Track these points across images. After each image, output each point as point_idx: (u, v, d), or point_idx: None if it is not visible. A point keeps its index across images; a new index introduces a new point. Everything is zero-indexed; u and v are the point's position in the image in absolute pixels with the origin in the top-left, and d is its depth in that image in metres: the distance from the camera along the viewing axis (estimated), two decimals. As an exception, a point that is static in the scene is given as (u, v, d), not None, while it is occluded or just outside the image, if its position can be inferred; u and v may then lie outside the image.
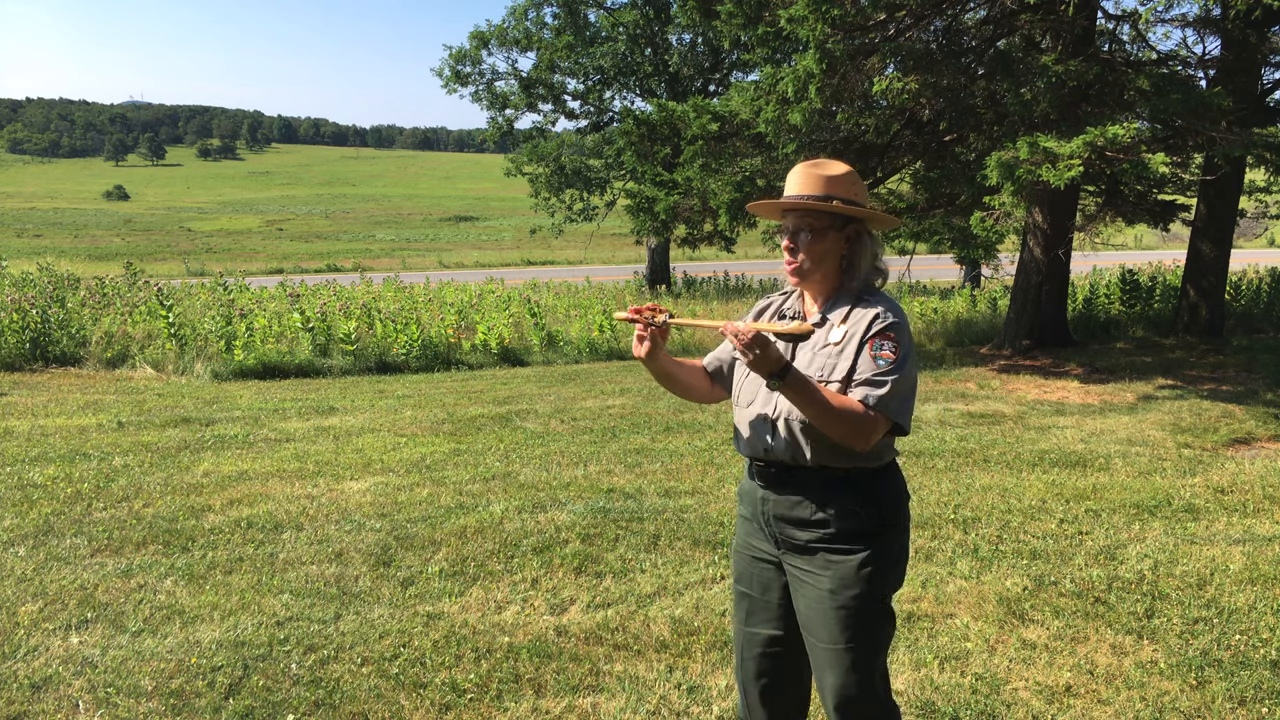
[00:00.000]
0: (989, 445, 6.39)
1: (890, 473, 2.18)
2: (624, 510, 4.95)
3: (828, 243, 2.15)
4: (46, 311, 11.30)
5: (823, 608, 2.12)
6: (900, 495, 2.20)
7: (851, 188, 2.16)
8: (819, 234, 2.15)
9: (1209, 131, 7.97)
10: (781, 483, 2.18)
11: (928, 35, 9.41)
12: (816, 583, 2.13)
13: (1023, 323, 10.95)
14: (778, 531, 2.20)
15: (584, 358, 12.16)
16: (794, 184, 2.19)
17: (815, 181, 2.15)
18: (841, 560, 2.10)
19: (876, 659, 2.14)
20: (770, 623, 2.27)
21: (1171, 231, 14.35)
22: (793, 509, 2.16)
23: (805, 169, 2.19)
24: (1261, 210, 14.91)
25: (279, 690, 3.11)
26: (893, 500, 2.16)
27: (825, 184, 2.15)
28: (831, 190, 2.15)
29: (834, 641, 2.11)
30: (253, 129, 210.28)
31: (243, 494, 5.35)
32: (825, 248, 2.15)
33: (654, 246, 23.59)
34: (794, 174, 2.20)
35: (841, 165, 2.19)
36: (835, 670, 2.12)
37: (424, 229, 64.97)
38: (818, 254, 2.15)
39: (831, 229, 2.15)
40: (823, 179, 2.15)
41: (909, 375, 2.08)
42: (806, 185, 2.16)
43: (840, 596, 2.10)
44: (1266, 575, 3.96)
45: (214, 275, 20.47)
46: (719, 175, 10.06)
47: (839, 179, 2.16)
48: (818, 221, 2.15)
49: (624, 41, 22.15)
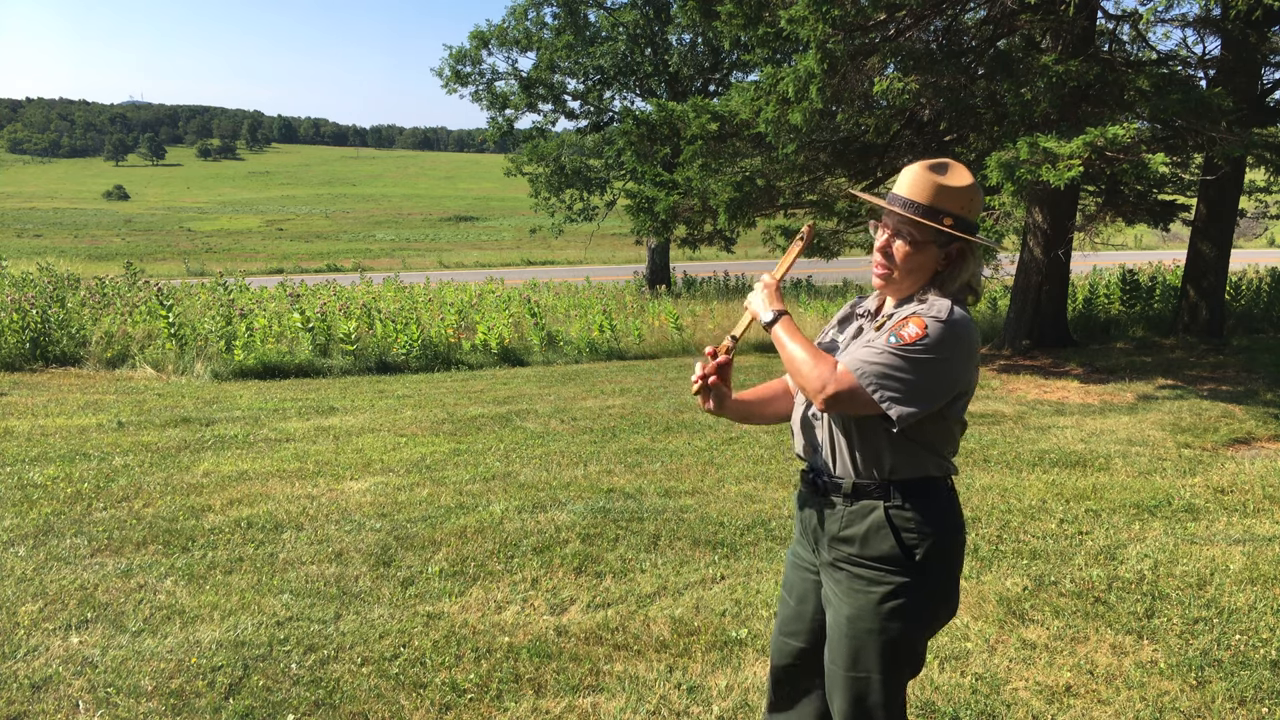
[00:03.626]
0: (989, 445, 6.39)
1: (935, 493, 1.95)
2: (624, 510, 4.95)
3: (924, 256, 1.93)
4: (46, 311, 11.30)
5: (839, 633, 1.99)
6: (945, 523, 1.95)
7: (970, 203, 1.92)
8: (919, 246, 1.92)
9: (1209, 131, 7.97)
10: (818, 489, 2.04)
11: (928, 35, 9.41)
12: (838, 605, 1.99)
13: (1023, 323, 10.95)
14: (813, 541, 2.09)
15: (584, 358, 12.16)
16: (904, 184, 1.95)
17: (929, 188, 1.91)
18: (864, 590, 1.94)
19: (889, 694, 1.98)
20: (799, 635, 2.16)
21: (1171, 231, 14.36)
22: (825, 520, 2.02)
23: (922, 170, 1.94)
24: (1261, 210, 14.91)
25: (279, 690, 3.11)
26: (934, 526, 1.93)
27: (939, 194, 1.90)
28: (943, 203, 1.90)
29: (846, 668, 1.98)
30: (253, 129, 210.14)
31: (243, 494, 5.35)
32: (921, 261, 1.93)
33: (654, 246, 23.58)
34: (907, 172, 1.96)
35: (965, 174, 1.94)
36: (843, 696, 2.01)
37: (424, 229, 64.97)
38: (911, 266, 1.94)
39: (934, 243, 1.92)
40: (938, 187, 1.91)
41: (926, 367, 1.83)
42: (918, 189, 1.92)
43: (855, 627, 1.95)
44: (1266, 575, 3.96)
45: (214, 275, 20.46)
46: (719, 175, 10.06)
47: (957, 191, 1.91)
48: (920, 234, 1.91)
49: (624, 41, 22.15)
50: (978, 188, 1.95)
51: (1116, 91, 8.64)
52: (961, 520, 2.02)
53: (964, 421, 2.02)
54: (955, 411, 1.96)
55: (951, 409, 1.95)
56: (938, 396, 1.87)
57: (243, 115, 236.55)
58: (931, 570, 1.93)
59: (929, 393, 1.85)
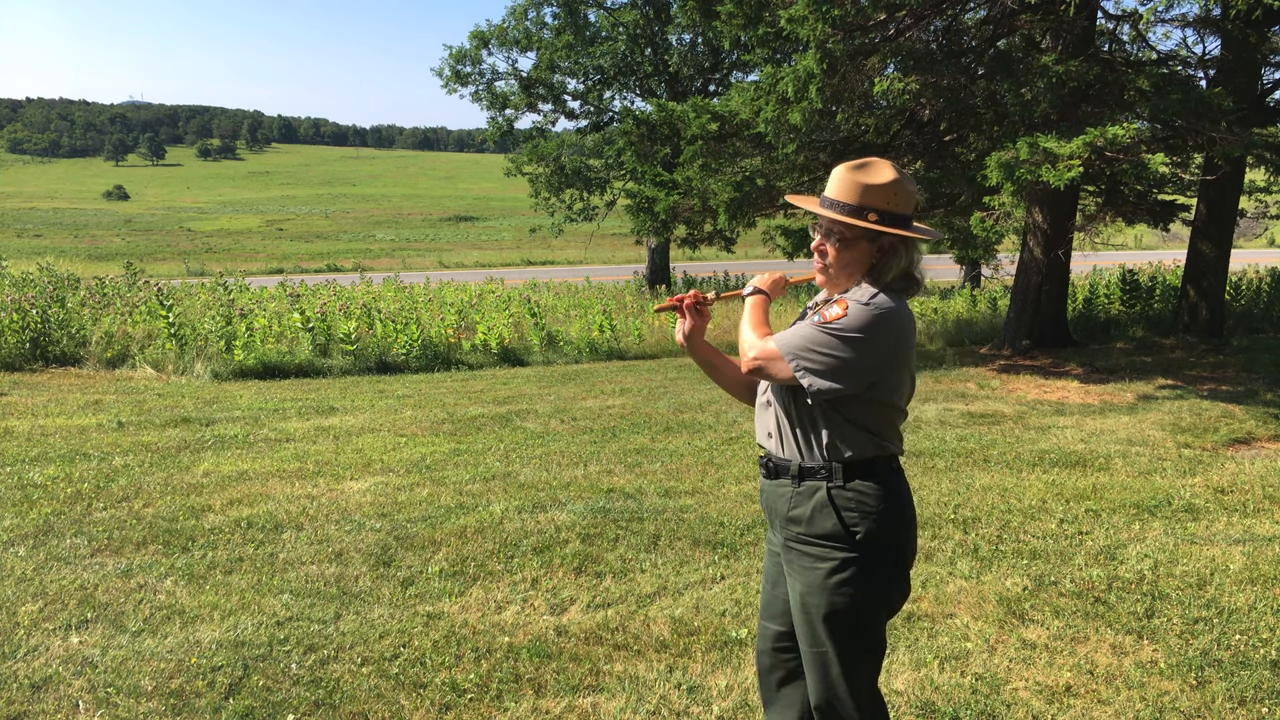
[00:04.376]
0: (989, 445, 6.39)
1: (876, 473, 2.03)
2: (624, 510, 4.95)
3: (857, 252, 2.03)
4: (46, 311, 11.30)
5: (797, 611, 2.10)
6: (888, 504, 2.03)
7: (894, 197, 2.00)
8: (848, 243, 2.03)
9: (1209, 131, 7.98)
10: (770, 473, 2.16)
11: (928, 35, 9.41)
12: (793, 583, 2.11)
13: (1023, 323, 10.95)
14: (772, 524, 2.21)
15: (584, 358, 12.16)
16: (832, 185, 2.05)
17: (853, 188, 2.00)
18: (811, 567, 2.04)
19: (854, 671, 2.06)
20: (775, 618, 2.25)
21: (1171, 231, 14.36)
22: (777, 502, 2.13)
23: (846, 172, 2.03)
24: (1261, 210, 14.92)
25: (279, 690, 3.11)
26: (875, 504, 2.01)
27: (863, 192, 1.99)
28: (868, 200, 1.99)
29: (808, 644, 2.08)
30: (253, 129, 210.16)
31: (243, 494, 5.35)
32: (853, 256, 2.04)
33: (654, 246, 23.59)
34: (835, 174, 2.05)
35: (888, 170, 2.02)
36: (812, 673, 2.10)
37: (424, 229, 64.98)
38: (844, 262, 2.05)
39: (863, 239, 2.02)
40: (861, 186, 1.99)
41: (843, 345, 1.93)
42: (843, 190, 2.01)
43: (806, 602, 2.06)
44: (1266, 575, 3.96)
45: (214, 275, 20.46)
46: (719, 175, 10.07)
47: (880, 188, 1.99)
48: (849, 231, 2.02)
49: (624, 41, 22.16)
50: (901, 183, 2.02)
51: (1116, 91, 8.65)
52: (906, 499, 2.09)
53: (903, 410, 2.10)
54: (884, 395, 2.03)
55: (878, 392, 2.01)
56: (854, 375, 1.97)
57: (243, 115, 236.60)
58: (874, 547, 2.02)
59: (844, 370, 1.95)
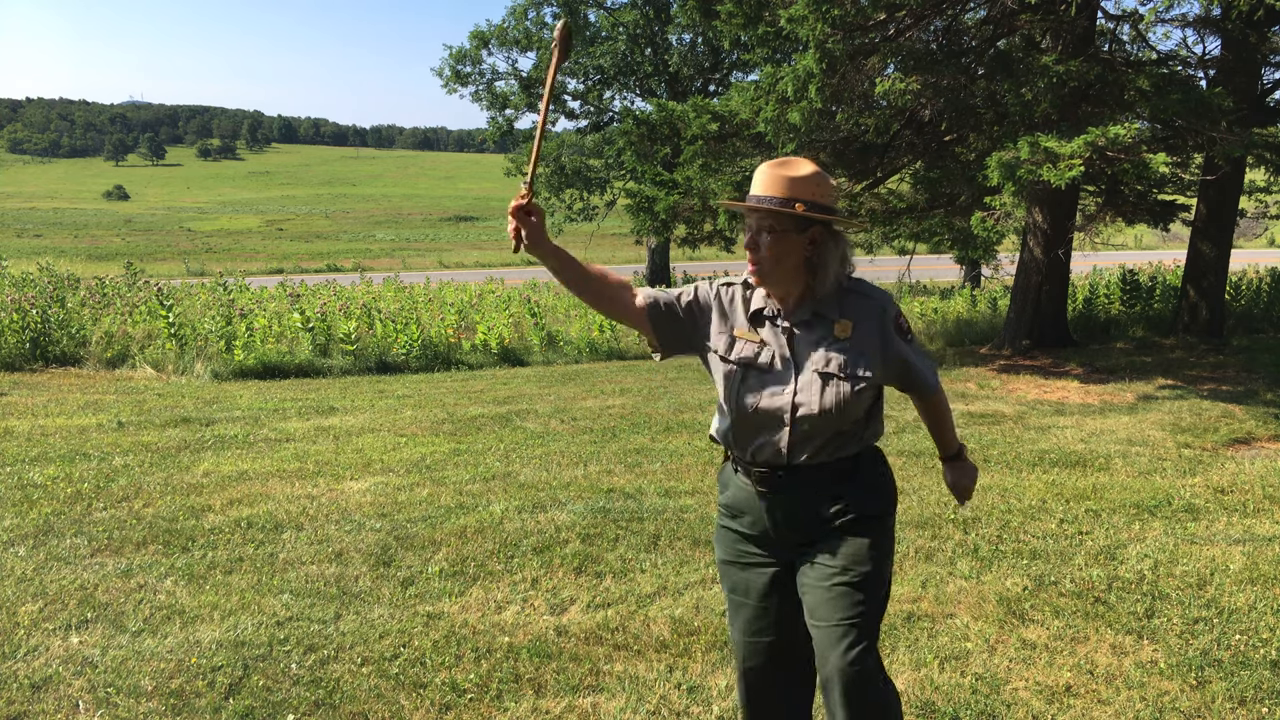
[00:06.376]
0: (989, 445, 6.39)
1: (880, 455, 2.31)
2: (624, 510, 4.95)
3: (788, 244, 2.10)
4: (46, 311, 11.30)
5: (834, 560, 2.15)
6: (893, 481, 2.31)
7: (817, 189, 2.10)
8: (779, 236, 2.10)
9: (1209, 131, 7.97)
10: (786, 485, 2.17)
11: (928, 35, 9.41)
12: (828, 548, 2.17)
13: (1023, 323, 10.94)
14: (781, 533, 2.21)
15: (584, 358, 12.16)
16: (758, 184, 2.13)
17: (778, 182, 2.10)
18: (855, 540, 2.16)
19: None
20: (767, 630, 2.27)
21: (1171, 231, 14.35)
22: (806, 507, 2.17)
23: (770, 169, 2.12)
24: (1261, 210, 14.91)
25: (279, 690, 3.11)
26: (889, 483, 2.29)
27: (788, 185, 2.09)
28: (794, 192, 2.09)
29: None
30: (253, 129, 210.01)
31: (243, 494, 5.35)
32: (785, 249, 2.11)
33: (654, 246, 23.61)
34: (759, 173, 2.14)
35: (808, 164, 2.13)
36: (843, 609, 2.10)
37: (424, 229, 64.95)
38: (777, 255, 2.11)
39: (793, 231, 2.10)
40: (786, 180, 2.09)
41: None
42: (770, 185, 2.11)
43: (852, 573, 2.12)
44: (1266, 575, 3.96)
45: (214, 275, 20.47)
46: (719, 175, 10.06)
47: (803, 180, 2.09)
48: (779, 223, 2.10)
49: (624, 41, 22.17)
50: (823, 176, 2.13)
51: (1117, 91, 8.65)
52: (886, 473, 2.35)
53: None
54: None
55: None
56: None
57: (243, 115, 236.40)
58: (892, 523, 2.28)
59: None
